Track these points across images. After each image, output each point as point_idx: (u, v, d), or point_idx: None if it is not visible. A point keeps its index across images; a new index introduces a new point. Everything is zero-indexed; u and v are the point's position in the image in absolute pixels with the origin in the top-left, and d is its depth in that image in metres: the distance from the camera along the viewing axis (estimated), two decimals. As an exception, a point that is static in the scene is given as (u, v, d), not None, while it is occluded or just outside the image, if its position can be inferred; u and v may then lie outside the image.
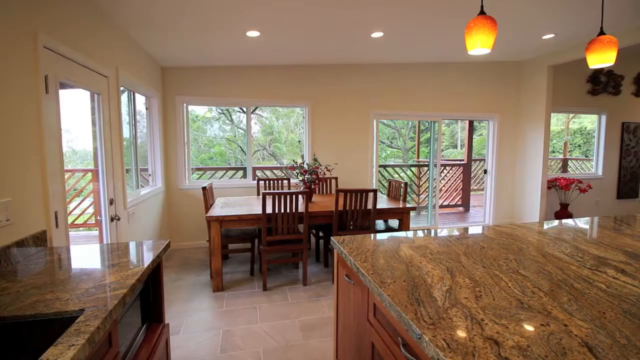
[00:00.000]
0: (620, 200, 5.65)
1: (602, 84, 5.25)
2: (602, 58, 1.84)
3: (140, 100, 3.68)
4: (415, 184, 6.32)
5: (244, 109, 4.58)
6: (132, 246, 1.60)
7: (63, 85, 1.92)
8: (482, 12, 1.65)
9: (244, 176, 4.86)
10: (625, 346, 0.80)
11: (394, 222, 3.71)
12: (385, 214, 3.37)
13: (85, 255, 1.48)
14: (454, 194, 6.60)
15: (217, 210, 3.09)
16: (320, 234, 3.78)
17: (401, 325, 0.97)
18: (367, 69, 4.66)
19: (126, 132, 3.23)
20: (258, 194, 4.10)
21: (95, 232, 4.03)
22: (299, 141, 7.52)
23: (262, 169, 6.49)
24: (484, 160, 5.30)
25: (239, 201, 3.61)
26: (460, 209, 6.49)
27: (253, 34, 3.20)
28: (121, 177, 2.68)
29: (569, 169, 7.49)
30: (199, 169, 6.26)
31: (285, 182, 4.27)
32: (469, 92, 4.96)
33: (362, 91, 4.68)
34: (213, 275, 3.02)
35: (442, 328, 0.87)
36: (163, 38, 3.20)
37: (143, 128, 3.84)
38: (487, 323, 0.89)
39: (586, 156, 7.73)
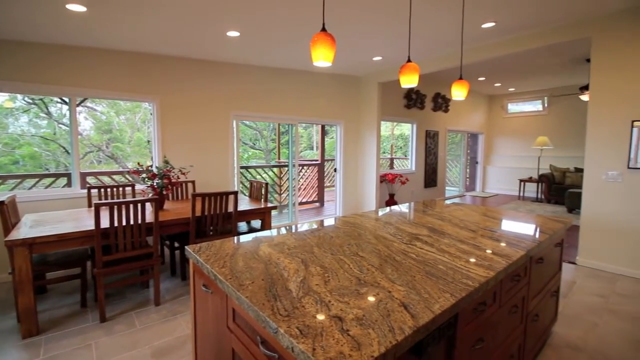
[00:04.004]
0: (426, 188, 7.45)
1: (413, 100, 6.79)
2: (409, 80, 2.35)
3: None
4: (277, 183, 6.55)
5: (67, 100, 3.66)
6: None
7: None
8: (323, 29, 1.84)
9: (69, 184, 3.89)
10: (427, 299, 1.04)
11: (257, 223, 3.73)
12: (247, 215, 3.35)
13: None
14: (311, 191, 7.19)
15: (25, 231, 2.36)
16: (176, 244, 3.42)
17: (259, 323, 0.97)
18: (227, 68, 4.51)
19: None
20: (90, 206, 3.36)
21: None
22: (149, 141, 6.59)
23: (95, 174, 5.35)
24: (334, 160, 6.00)
25: (60, 216, 2.86)
26: (317, 204, 7.12)
27: (76, 7, 2.60)
28: None
29: (394, 166, 9.36)
30: (-7, 178, 4.64)
31: (129, 189, 3.66)
32: (320, 99, 5.49)
33: (221, 90, 4.50)
34: (22, 318, 2.28)
35: (296, 317, 0.92)
36: None
37: None
38: (333, 303, 1.00)
39: (405, 156, 9.80)
